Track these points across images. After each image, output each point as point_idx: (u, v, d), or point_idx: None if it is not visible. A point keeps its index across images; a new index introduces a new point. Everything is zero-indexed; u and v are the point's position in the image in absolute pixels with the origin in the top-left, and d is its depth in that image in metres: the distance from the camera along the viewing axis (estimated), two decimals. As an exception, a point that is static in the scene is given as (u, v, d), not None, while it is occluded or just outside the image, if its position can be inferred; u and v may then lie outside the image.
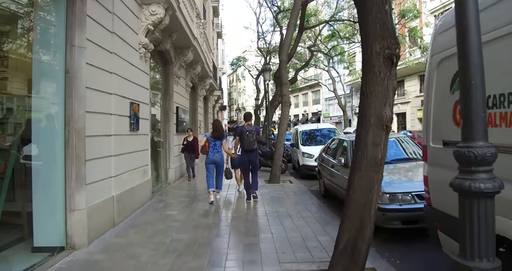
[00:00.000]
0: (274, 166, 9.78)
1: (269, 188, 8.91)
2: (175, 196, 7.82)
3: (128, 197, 5.85)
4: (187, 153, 9.97)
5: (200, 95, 15.22)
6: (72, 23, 4.26)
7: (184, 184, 9.50)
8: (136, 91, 6.36)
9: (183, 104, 10.97)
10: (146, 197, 6.94)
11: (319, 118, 44.35)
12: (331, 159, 7.09)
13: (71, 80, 4.24)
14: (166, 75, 9.48)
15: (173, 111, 9.58)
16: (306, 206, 6.68)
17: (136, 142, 6.39)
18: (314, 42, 20.45)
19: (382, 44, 3.02)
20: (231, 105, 78.70)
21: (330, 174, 7.03)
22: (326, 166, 7.41)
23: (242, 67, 38.53)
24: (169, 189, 8.77)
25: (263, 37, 26.15)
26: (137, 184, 6.32)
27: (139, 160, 6.56)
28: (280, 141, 9.87)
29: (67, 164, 4.20)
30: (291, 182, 9.89)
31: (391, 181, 5.08)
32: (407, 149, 6.53)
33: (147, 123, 7.10)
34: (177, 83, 10.06)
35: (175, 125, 9.85)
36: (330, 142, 7.86)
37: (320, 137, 11.94)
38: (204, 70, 13.47)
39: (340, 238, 3.20)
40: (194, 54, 10.39)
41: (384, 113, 3.05)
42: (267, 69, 14.48)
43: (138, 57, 6.55)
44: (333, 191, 6.99)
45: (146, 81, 7.07)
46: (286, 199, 7.45)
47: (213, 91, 20.74)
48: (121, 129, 5.64)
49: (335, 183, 6.65)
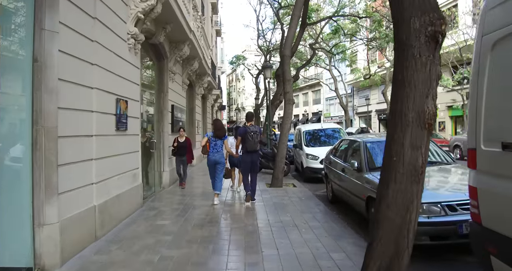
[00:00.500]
0: (276, 168, 9.11)
1: (272, 192, 8.24)
2: (169, 202, 7.14)
3: (114, 205, 5.17)
4: (178, 156, 8.60)
5: (198, 93, 14.54)
6: (41, 3, 3.59)
7: (178, 189, 8.83)
8: (124, 87, 5.69)
9: (179, 102, 10.29)
10: (136, 204, 6.26)
11: (319, 118, 43.73)
12: (341, 161, 6.43)
13: (39, 70, 3.56)
14: (160, 71, 8.80)
15: (168, 110, 8.90)
16: (313, 214, 6.02)
17: (124, 143, 5.72)
18: (315, 40, 19.80)
19: (423, 19, 2.36)
20: (231, 105, 78.03)
21: (339, 178, 6.36)
22: (334, 169, 6.75)
23: (241, 66, 37.91)
24: (163, 194, 8.09)
25: (263, 35, 25.54)
26: (125, 190, 5.64)
27: (128, 163, 5.88)
28: (282, 142, 9.20)
29: (34, 170, 3.52)
30: (294, 186, 9.23)
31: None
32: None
33: (137, 122, 6.43)
34: (173, 80, 9.39)
35: (170, 125, 9.17)
36: (339, 143, 7.18)
37: (325, 137, 11.26)
38: (202, 67, 12.80)
39: (368, 264, 2.53)
40: (191, 49, 9.71)
41: (426, 107, 2.39)
42: (268, 66, 13.84)
43: (127, 48, 5.88)
44: (342, 196, 6.33)
45: (137, 76, 6.39)
46: (291, 205, 6.78)
47: (211, 90, 20.06)
48: (105, 129, 4.97)
49: (345, 188, 5.99)
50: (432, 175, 4.99)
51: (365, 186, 4.95)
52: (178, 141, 8.55)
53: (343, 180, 6.11)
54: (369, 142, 5.68)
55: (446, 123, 24.85)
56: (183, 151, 8.60)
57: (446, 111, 24.66)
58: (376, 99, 32.85)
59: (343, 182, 6.12)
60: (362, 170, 5.27)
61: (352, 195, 5.56)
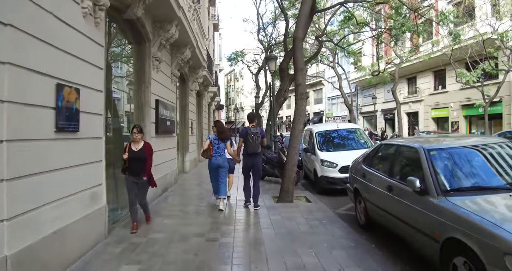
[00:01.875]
0: (285, 178, 7.31)
1: (281, 210, 6.44)
2: (146, 229, 5.32)
3: (50, 248, 3.37)
4: (130, 175, 5.07)
5: (191, 89, 12.71)
6: None
7: (164, 205, 7.01)
8: (73, 69, 3.89)
9: (166, 97, 8.48)
10: (96, 235, 4.45)
11: (321, 118, 42.13)
12: (383, 175, 4.62)
13: None
14: (140, 57, 6.99)
15: (150, 106, 7.09)
16: (346, 251, 4.23)
17: (74, 151, 3.91)
18: (322, 32, 18.02)
19: None
20: (229, 106, 76.26)
21: (381, 198, 4.57)
22: (370, 184, 4.96)
23: (240, 65, 36.08)
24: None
25: (263, 28, 23.73)
26: (74, 221, 3.83)
27: (81, 180, 4.08)
28: (294, 146, 7.38)
29: None
30: (307, 200, 7.44)
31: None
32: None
33: (99, 121, 4.62)
34: (157, 69, 7.58)
35: (153, 125, 7.37)
36: (377, 149, 5.34)
37: (342, 139, 9.40)
38: (196, 57, 10.98)
39: None
40: (181, 31, 7.90)
41: None
42: (273, 57, 12.07)
43: (80, 13, 4.08)
44: (387, 224, 4.53)
45: (98, 56, 4.59)
46: (311, 234, 4.97)
47: (208, 87, 18.23)
48: (32, 130, 3.17)
49: (395, 215, 4.17)
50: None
51: (440, 219, 3.16)
52: (130, 149, 5.09)
53: (389, 202, 4.31)
54: (436, 149, 3.87)
55: (460, 124, 23.12)
56: (138, 167, 5.04)
57: (460, 110, 22.96)
58: (382, 98, 31.11)
59: (390, 206, 4.31)
60: (428, 193, 3.48)
61: (410, 227, 3.77)
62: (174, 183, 9.35)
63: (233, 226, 5.46)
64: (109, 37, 5.72)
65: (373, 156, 5.26)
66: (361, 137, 9.48)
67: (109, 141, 5.25)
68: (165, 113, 8.12)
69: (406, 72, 26.42)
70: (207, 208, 6.74)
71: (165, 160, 8.32)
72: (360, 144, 9.18)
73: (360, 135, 9.59)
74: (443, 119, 25.20)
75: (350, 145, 9.07)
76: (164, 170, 8.19)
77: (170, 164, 8.88)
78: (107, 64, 5.08)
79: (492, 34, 17.09)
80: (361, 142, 9.27)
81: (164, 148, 8.23)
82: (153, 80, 7.22)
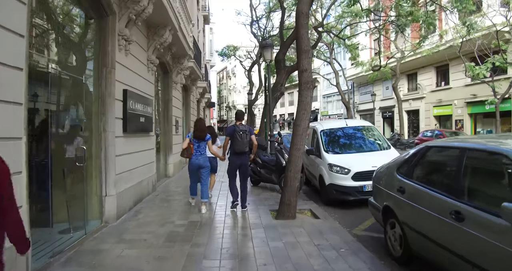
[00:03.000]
0: (286, 188, 5.81)
1: (283, 233, 4.93)
2: (108, 253, 3.78)
3: None
4: None
5: (176, 82, 11.12)
6: None
7: (131, 224, 5.45)
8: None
9: (140, 88, 6.91)
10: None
11: (316, 116, 40.88)
12: (443, 195, 3.10)
13: None
14: (101, 33, 5.42)
15: (114, 97, 5.51)
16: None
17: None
18: (322, 22, 16.60)
19: None
20: (221, 104, 74.58)
21: (440, 229, 3.08)
22: (414, 204, 3.48)
23: (232, 63, 34.51)
24: (104, 234, 4.73)
25: (256, 21, 22.23)
26: None
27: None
28: (297, 147, 5.87)
29: None
30: (314, 215, 5.97)
31: None
32: None
33: (18, 113, 3.06)
34: (126, 51, 6.02)
35: (120, 121, 5.81)
36: (423, 153, 3.75)
37: (353, 139, 7.86)
38: (179, 43, 9.41)
39: None
40: (156, 5, 6.36)
41: None
42: (268, 45, 10.56)
43: None
44: (448, 267, 3.05)
45: (19, 20, 3.03)
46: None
47: (196, 81, 16.61)
48: None
49: (468, 259, 2.68)
50: None
51: None
52: None
53: (456, 237, 2.82)
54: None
55: (465, 122, 21.88)
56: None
57: (465, 108, 21.71)
58: (380, 95, 29.82)
59: (457, 243, 2.83)
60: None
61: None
62: (152, 191, 7.80)
63: (218, 261, 3.93)
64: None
65: (417, 162, 3.75)
66: (375, 136, 7.98)
67: (42, 141, 3.69)
68: (137, 107, 6.55)
69: (406, 68, 25.14)
70: (187, 228, 5.21)
71: (138, 164, 6.76)
72: (375, 144, 7.72)
73: (373, 134, 8.09)
74: (445, 117, 23.95)
75: (363, 145, 7.58)
76: (137, 177, 6.64)
77: (145, 169, 7.32)
78: (36, 32, 3.52)
79: (504, 26, 15.85)
80: (377, 142, 7.80)
81: (136, 150, 6.67)
82: (119, 64, 5.66)
